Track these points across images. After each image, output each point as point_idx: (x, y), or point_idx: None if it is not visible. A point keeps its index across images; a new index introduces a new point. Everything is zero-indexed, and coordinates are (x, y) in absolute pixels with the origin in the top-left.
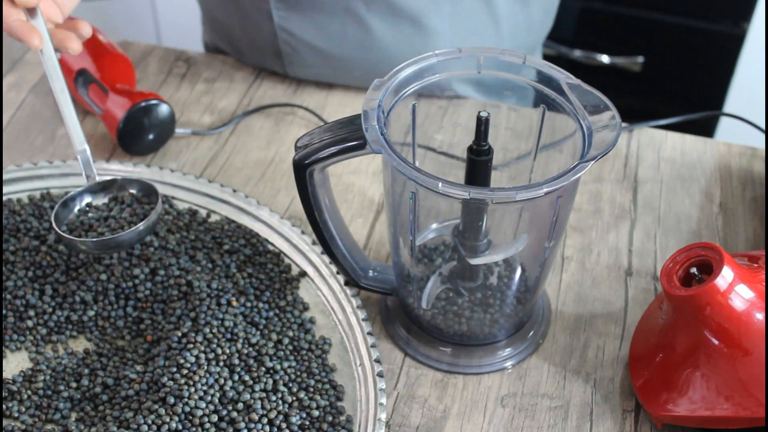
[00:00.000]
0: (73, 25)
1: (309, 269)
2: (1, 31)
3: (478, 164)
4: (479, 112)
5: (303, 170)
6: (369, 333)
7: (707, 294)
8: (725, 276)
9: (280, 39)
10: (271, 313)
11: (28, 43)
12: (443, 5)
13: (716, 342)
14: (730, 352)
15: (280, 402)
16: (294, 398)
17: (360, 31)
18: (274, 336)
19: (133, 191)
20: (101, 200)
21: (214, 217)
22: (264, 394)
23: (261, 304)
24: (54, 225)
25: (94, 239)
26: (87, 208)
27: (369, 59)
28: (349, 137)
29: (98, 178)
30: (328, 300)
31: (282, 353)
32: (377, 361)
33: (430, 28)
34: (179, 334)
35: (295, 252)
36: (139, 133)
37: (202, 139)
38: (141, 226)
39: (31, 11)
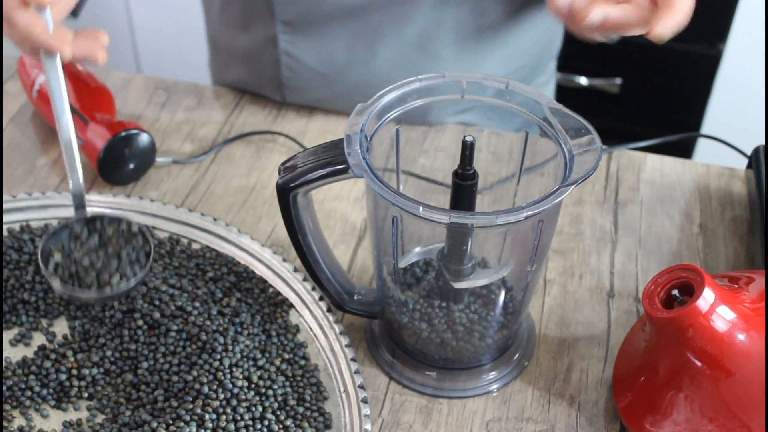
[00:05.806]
0: (93, 35)
1: (291, 296)
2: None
3: (464, 189)
4: (464, 137)
5: (287, 194)
6: (353, 359)
7: (689, 316)
8: (706, 297)
9: (283, 64)
10: (261, 338)
11: (61, 54)
12: (448, 30)
13: (699, 363)
14: (713, 374)
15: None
16: (280, 426)
17: (365, 57)
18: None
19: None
20: (91, 241)
21: (195, 246)
22: (250, 422)
23: (252, 330)
24: (44, 272)
25: (95, 296)
26: (73, 248)
27: (372, 85)
28: (332, 161)
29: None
30: (311, 327)
31: (271, 379)
32: (361, 387)
33: (435, 53)
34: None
35: (276, 279)
36: (119, 162)
37: (182, 168)
38: (139, 276)
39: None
